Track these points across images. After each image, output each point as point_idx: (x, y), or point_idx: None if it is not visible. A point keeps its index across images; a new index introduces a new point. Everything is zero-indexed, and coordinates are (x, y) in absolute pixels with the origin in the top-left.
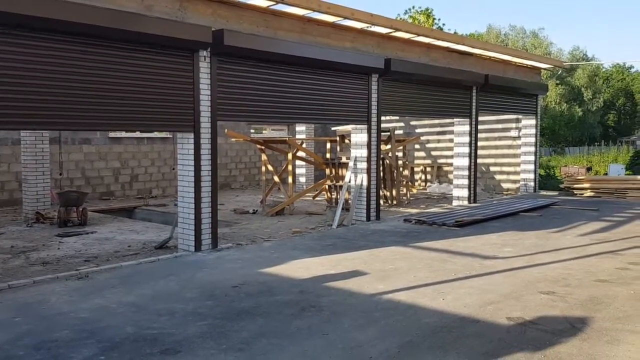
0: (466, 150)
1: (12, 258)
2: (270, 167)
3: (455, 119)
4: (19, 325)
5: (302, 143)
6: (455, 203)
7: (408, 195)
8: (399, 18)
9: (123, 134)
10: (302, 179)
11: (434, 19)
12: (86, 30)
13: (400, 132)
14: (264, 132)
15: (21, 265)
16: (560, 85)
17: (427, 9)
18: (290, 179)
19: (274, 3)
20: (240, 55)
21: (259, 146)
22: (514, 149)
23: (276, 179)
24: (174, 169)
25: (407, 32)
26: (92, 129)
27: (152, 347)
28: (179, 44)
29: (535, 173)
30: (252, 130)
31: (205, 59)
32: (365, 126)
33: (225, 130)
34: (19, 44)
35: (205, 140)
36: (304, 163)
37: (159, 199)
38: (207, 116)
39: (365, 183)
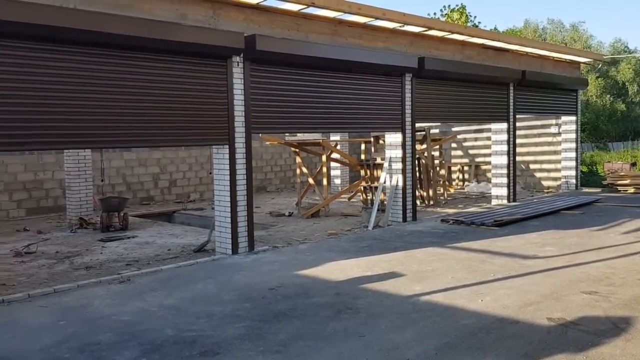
0: (504, 148)
1: (57, 263)
2: (305, 170)
3: (492, 123)
4: (64, 329)
5: (336, 145)
6: (494, 202)
7: (445, 195)
8: (432, 17)
9: None
10: (337, 181)
11: (468, 15)
12: (123, 42)
13: (436, 131)
14: (297, 134)
15: (66, 270)
16: (600, 78)
17: (461, 6)
18: (325, 181)
19: (304, 6)
20: (272, 60)
21: (293, 149)
22: (554, 145)
23: (311, 181)
24: (210, 173)
25: (440, 30)
26: (130, 145)
27: (191, 349)
28: (213, 50)
29: (576, 170)
30: (286, 133)
31: (238, 65)
32: (400, 129)
33: (260, 134)
34: (57, 58)
35: (240, 146)
36: (338, 165)
37: (197, 203)
38: (241, 121)
39: (400, 184)
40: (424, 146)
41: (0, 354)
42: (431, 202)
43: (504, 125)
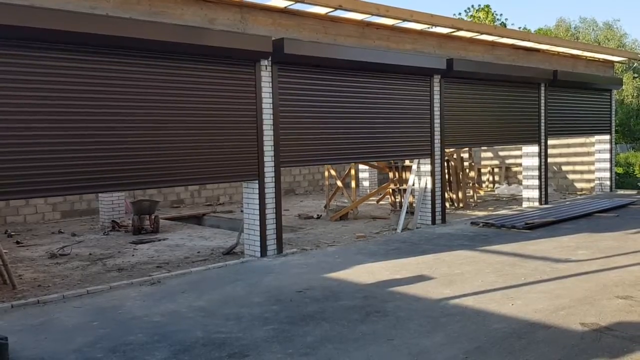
0: (536, 149)
1: (90, 265)
2: (333, 172)
3: (524, 144)
4: (96, 329)
5: None
6: (525, 204)
7: (475, 198)
8: (457, 17)
9: None
10: (366, 183)
11: (494, 14)
12: (156, 47)
13: None
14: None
15: (98, 271)
16: (638, 78)
17: (486, 6)
18: (353, 184)
19: (332, 9)
20: (300, 63)
21: None
22: (588, 146)
23: (339, 183)
24: None
25: (469, 30)
26: (158, 186)
27: (220, 350)
28: (242, 54)
29: (611, 171)
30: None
31: (266, 68)
32: (429, 146)
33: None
34: (100, 62)
35: (268, 149)
36: (367, 167)
37: (226, 206)
38: (269, 124)
39: (429, 186)
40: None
41: (36, 354)
42: (461, 205)
43: (536, 141)
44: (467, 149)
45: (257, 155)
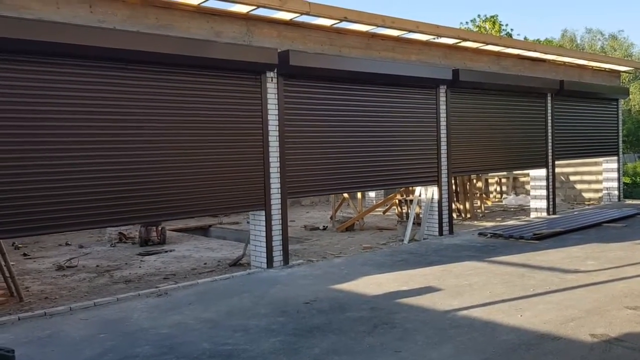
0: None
1: (97, 277)
2: None
3: (533, 169)
4: (103, 342)
5: None
6: (533, 215)
7: (482, 208)
8: (463, 27)
9: None
10: (372, 194)
11: (500, 25)
12: (164, 60)
13: None
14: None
15: (105, 283)
16: None
17: (492, 17)
18: (359, 195)
19: (337, 21)
20: (306, 75)
21: None
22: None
23: (345, 194)
24: None
25: (474, 41)
26: (164, 219)
27: None
28: (247, 66)
29: (619, 181)
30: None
31: (272, 80)
32: (436, 181)
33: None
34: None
35: (274, 159)
36: None
37: (233, 217)
38: (275, 136)
39: (436, 197)
40: None
41: None
42: (468, 216)
43: (544, 165)
44: None
45: (264, 182)
